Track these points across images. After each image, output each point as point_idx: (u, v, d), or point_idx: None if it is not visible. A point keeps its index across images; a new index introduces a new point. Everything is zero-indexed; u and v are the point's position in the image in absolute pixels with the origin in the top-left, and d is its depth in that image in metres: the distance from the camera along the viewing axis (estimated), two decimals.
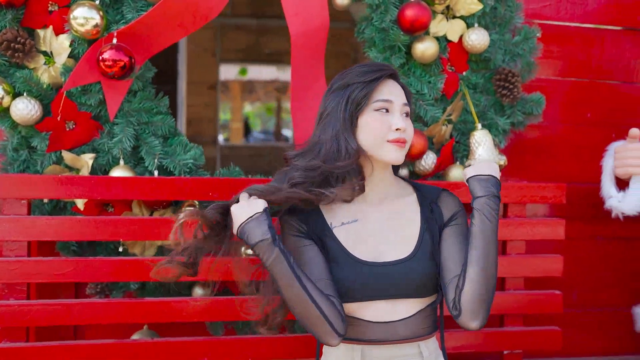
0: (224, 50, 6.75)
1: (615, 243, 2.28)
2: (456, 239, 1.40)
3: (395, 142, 1.36)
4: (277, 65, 7.74)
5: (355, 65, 1.43)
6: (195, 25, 1.81)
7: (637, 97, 2.27)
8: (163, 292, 1.89)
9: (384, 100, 1.38)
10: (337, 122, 1.38)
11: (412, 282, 1.36)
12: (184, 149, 1.85)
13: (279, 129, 11.54)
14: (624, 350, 2.28)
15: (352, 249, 1.39)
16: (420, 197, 1.45)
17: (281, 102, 11.32)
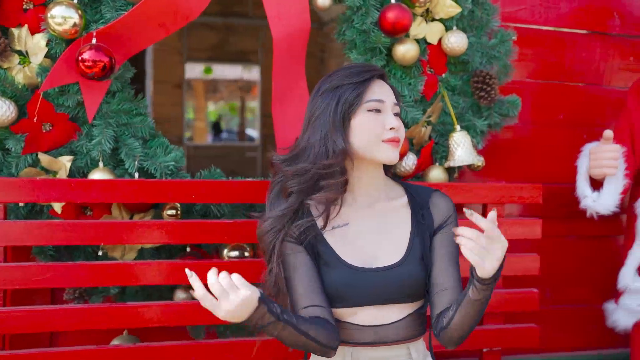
0: (190, 49, 6.68)
1: (586, 241, 2.34)
2: (446, 250, 1.41)
3: (391, 142, 1.36)
4: (243, 64, 7.68)
5: (341, 68, 1.43)
6: (176, 25, 1.79)
7: (606, 99, 2.34)
8: (144, 297, 1.86)
9: (376, 100, 1.38)
10: (327, 124, 1.37)
11: (402, 288, 1.38)
12: (164, 150, 1.83)
13: (243, 129, 11.47)
14: (596, 345, 2.34)
15: (344, 254, 1.39)
16: (411, 200, 1.45)
17: (245, 102, 11.26)
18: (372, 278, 1.37)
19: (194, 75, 8.46)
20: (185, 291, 1.85)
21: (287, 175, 1.41)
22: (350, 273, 1.37)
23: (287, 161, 1.43)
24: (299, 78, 1.94)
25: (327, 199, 1.37)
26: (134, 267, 1.71)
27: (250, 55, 6.96)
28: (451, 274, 1.40)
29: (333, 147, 1.35)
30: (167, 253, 1.87)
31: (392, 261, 1.39)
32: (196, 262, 1.75)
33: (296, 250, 1.39)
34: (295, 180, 1.39)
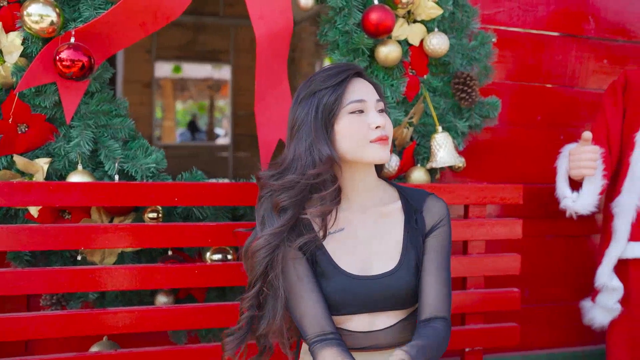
0: (160, 48, 6.59)
1: (563, 241, 2.38)
2: (433, 255, 1.40)
3: (378, 141, 1.33)
4: (213, 63, 7.61)
5: (318, 71, 1.40)
6: (156, 25, 1.75)
7: (582, 101, 2.38)
8: (124, 302, 1.82)
9: (357, 101, 1.34)
10: (310, 133, 1.33)
11: (395, 295, 1.37)
12: (145, 152, 1.79)
13: (211, 128, 11.37)
14: (573, 343, 2.38)
15: (340, 260, 1.38)
16: (405, 204, 1.44)
17: (214, 101, 11.17)
18: (368, 286, 1.36)
19: (163, 74, 8.35)
20: (166, 295, 1.82)
21: (275, 190, 1.37)
22: (347, 281, 1.36)
23: (275, 176, 1.38)
24: (282, 78, 1.92)
25: (322, 212, 1.34)
26: (114, 271, 1.67)
27: (221, 55, 6.90)
28: (433, 282, 1.38)
29: (319, 156, 1.32)
30: (147, 257, 1.84)
31: (387, 269, 1.38)
32: (178, 266, 1.71)
33: (297, 256, 1.37)
34: (286, 194, 1.35)
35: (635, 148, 1.97)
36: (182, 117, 12.21)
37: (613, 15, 2.38)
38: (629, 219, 1.96)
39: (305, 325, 1.33)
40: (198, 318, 1.74)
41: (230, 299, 1.88)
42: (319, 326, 1.32)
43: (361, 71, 1.40)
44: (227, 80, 7.45)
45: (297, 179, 1.33)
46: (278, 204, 1.35)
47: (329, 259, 1.38)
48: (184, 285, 1.72)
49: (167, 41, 6.47)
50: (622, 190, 1.99)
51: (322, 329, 1.32)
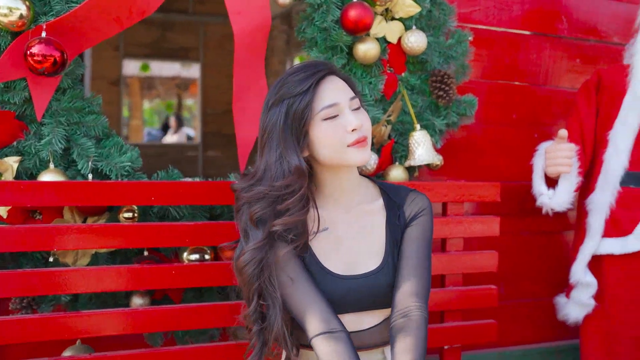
0: (127, 45, 6.48)
1: (537, 237, 2.41)
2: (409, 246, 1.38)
3: (356, 144, 1.30)
4: (181, 61, 7.51)
5: (286, 73, 1.34)
6: (131, 20, 1.71)
7: (554, 99, 2.41)
8: (98, 304, 1.77)
9: (329, 106, 1.29)
10: (279, 142, 1.29)
11: (380, 294, 1.36)
12: (119, 150, 1.74)
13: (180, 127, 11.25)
14: (548, 338, 2.41)
15: (325, 260, 1.37)
16: (387, 202, 1.43)
17: (182, 99, 11.04)
18: (353, 285, 1.35)
19: (131, 72, 8.22)
20: (142, 297, 1.77)
21: (247, 202, 1.34)
22: (332, 281, 1.35)
23: (246, 188, 1.35)
24: (260, 75, 1.90)
25: (287, 223, 1.30)
26: (88, 273, 1.62)
27: (190, 52, 6.82)
28: (410, 267, 1.35)
29: (288, 167, 1.29)
30: (122, 257, 1.79)
31: (371, 267, 1.37)
32: (155, 267, 1.67)
33: (292, 258, 1.34)
34: (258, 205, 1.32)
35: (608, 146, 2.00)
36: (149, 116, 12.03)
37: (585, 16, 2.42)
38: (602, 215, 1.99)
39: (309, 323, 1.29)
40: (175, 319, 1.70)
41: (208, 299, 1.85)
42: (324, 321, 1.28)
43: (332, 68, 1.35)
44: (196, 78, 7.37)
45: (266, 191, 1.30)
46: (252, 216, 1.33)
47: (314, 260, 1.36)
48: (160, 287, 1.68)
49: (135, 38, 6.37)
50: (596, 187, 2.02)
51: (327, 325, 1.28)
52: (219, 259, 1.81)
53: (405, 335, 1.28)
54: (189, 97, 9.42)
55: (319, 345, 1.26)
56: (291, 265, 1.34)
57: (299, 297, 1.31)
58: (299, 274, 1.33)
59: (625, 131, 1.96)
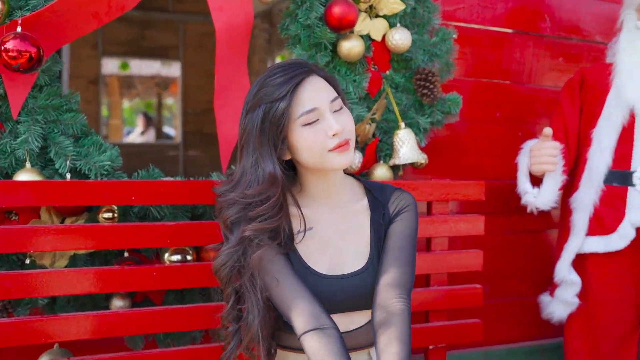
0: (106, 43, 6.39)
1: (521, 236, 2.41)
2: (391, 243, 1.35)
3: (337, 148, 1.27)
4: (162, 60, 7.43)
5: (266, 73, 1.29)
6: (110, 15, 1.67)
7: (537, 98, 2.41)
8: (76, 307, 1.73)
9: (308, 111, 1.26)
10: (255, 147, 1.27)
11: (365, 294, 1.34)
12: (98, 149, 1.70)
13: (160, 126, 11.14)
14: (532, 337, 2.41)
15: (310, 260, 1.35)
16: (372, 202, 1.41)
17: (162, 99, 10.94)
18: (339, 286, 1.33)
19: (110, 71, 8.12)
20: (122, 299, 1.73)
21: (223, 207, 1.33)
22: (318, 281, 1.33)
23: (224, 192, 1.33)
24: (242, 72, 1.87)
25: (259, 229, 1.28)
26: (66, 275, 1.58)
27: (170, 51, 6.76)
28: (391, 260, 1.33)
29: (262, 174, 1.26)
30: (102, 259, 1.75)
31: (357, 267, 1.36)
32: (136, 268, 1.63)
33: (279, 252, 1.32)
34: (231, 210, 1.30)
35: (592, 144, 2.00)
36: (128, 116, 11.90)
37: (567, 14, 2.42)
38: (586, 214, 2.00)
39: (298, 319, 1.25)
40: (156, 322, 1.66)
41: (189, 301, 1.81)
42: (314, 317, 1.25)
43: (312, 68, 1.31)
44: (176, 77, 7.31)
45: (237, 198, 1.28)
46: (225, 220, 1.32)
47: (299, 260, 1.34)
48: (141, 288, 1.64)
49: (114, 36, 6.29)
50: (580, 185, 2.02)
51: (317, 321, 1.24)
52: (201, 259, 1.77)
53: (387, 328, 1.25)
54: (169, 96, 9.33)
55: (308, 341, 1.22)
56: (276, 264, 1.31)
57: (286, 294, 1.28)
58: (284, 271, 1.30)
59: (608, 129, 1.96)
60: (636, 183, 1.92)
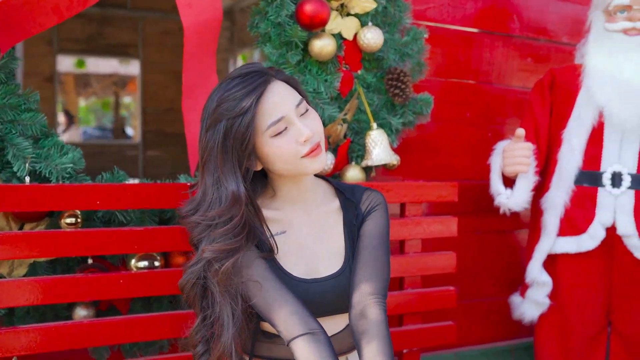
0: (62, 40, 6.20)
1: (491, 236, 2.40)
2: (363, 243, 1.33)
3: (310, 154, 1.24)
4: (119, 58, 7.25)
5: (223, 85, 1.24)
6: (72, 10, 1.59)
7: (506, 98, 2.41)
8: (36, 317, 1.64)
9: (275, 122, 1.22)
10: (216, 165, 1.22)
11: (343, 298, 1.31)
12: (59, 151, 1.61)
13: (118, 126, 10.90)
14: (503, 337, 2.41)
15: (285, 263, 1.31)
16: (344, 203, 1.39)
17: (120, 97, 10.70)
18: (315, 289, 1.30)
19: (65, 69, 7.89)
20: (85, 308, 1.65)
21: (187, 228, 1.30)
22: (295, 285, 1.29)
23: (188, 213, 1.29)
24: (210, 71, 1.80)
25: (218, 250, 1.23)
26: (25, 284, 1.49)
27: (129, 49, 6.60)
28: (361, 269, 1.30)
29: (225, 193, 1.22)
30: (64, 266, 1.66)
31: (332, 271, 1.33)
32: (101, 276, 1.56)
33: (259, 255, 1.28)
34: (194, 231, 1.27)
35: (562, 145, 2.01)
36: (84, 115, 11.60)
37: (535, 15, 2.43)
38: (557, 214, 2.00)
39: (286, 325, 1.21)
40: (122, 331, 1.59)
41: (157, 309, 1.74)
42: (303, 322, 1.20)
43: (272, 74, 1.27)
44: (134, 75, 7.15)
45: (199, 220, 1.24)
46: (191, 240, 1.30)
47: (275, 263, 1.31)
48: (108, 297, 1.56)
49: (70, 34, 6.11)
50: (551, 186, 2.02)
51: (307, 325, 1.20)
52: (169, 265, 1.71)
53: (369, 339, 1.22)
54: (127, 95, 9.13)
55: (299, 347, 1.18)
56: (257, 267, 1.27)
57: (270, 299, 1.24)
58: (267, 276, 1.26)
59: (578, 130, 1.97)
60: (606, 184, 1.94)
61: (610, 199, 1.93)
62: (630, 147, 1.92)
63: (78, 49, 6.65)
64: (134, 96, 8.11)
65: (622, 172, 1.92)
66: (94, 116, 12.09)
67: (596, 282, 1.99)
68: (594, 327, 2.02)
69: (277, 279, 1.26)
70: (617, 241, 1.95)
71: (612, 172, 1.93)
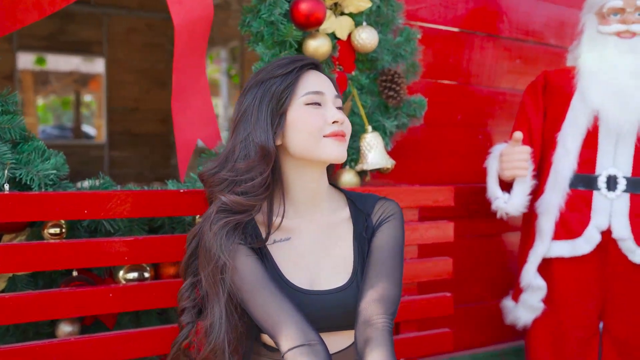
0: (22, 37, 5.98)
1: (479, 240, 2.37)
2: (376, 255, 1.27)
3: (334, 136, 1.21)
4: (83, 55, 7.03)
5: (269, 63, 1.27)
6: (54, 6, 1.49)
7: (495, 100, 2.39)
8: (16, 335, 1.53)
9: (314, 92, 1.23)
10: (250, 122, 1.21)
11: (349, 313, 1.24)
12: (40, 156, 1.51)
13: (78, 125, 10.61)
14: (493, 341, 2.39)
15: (288, 273, 1.24)
16: (354, 212, 1.33)
17: (80, 96, 10.42)
18: (319, 302, 1.23)
19: (26, 66, 7.61)
20: (70, 324, 1.54)
21: (211, 187, 1.26)
22: (296, 296, 1.22)
23: (212, 171, 1.26)
24: (200, 72, 1.72)
25: (236, 202, 1.20)
26: (6, 301, 1.38)
27: (93, 46, 6.41)
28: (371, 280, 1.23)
29: (255, 149, 1.20)
30: (46, 279, 1.55)
31: (338, 283, 1.26)
32: (89, 290, 1.46)
33: (254, 257, 1.22)
34: (217, 188, 1.24)
35: (557, 148, 1.99)
36: (43, 113, 11.25)
37: (524, 17, 2.41)
38: (552, 218, 1.98)
39: (283, 334, 1.14)
40: (109, 348, 1.49)
41: (146, 323, 1.65)
42: (301, 333, 1.13)
43: (318, 64, 1.29)
44: (97, 73, 6.96)
45: (226, 176, 1.22)
46: (210, 198, 1.28)
47: (275, 271, 1.24)
48: (96, 312, 1.47)
49: (31, 30, 5.88)
50: (546, 189, 2.00)
51: (305, 336, 1.13)
52: (159, 276, 1.61)
53: (373, 347, 1.15)
54: (89, 93, 8.88)
55: (295, 358, 1.11)
56: (253, 268, 1.20)
57: (267, 306, 1.17)
58: (264, 281, 1.19)
59: (573, 133, 1.95)
60: (601, 187, 1.92)
61: (605, 203, 1.92)
62: (625, 150, 1.92)
63: (39, 46, 6.43)
64: (95, 95, 7.90)
65: (617, 175, 1.91)
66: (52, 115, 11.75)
67: (590, 285, 1.98)
68: (587, 331, 2.01)
69: (276, 285, 1.20)
70: (612, 244, 1.94)
71: (607, 175, 1.92)
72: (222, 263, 1.19)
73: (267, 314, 1.16)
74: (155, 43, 6.52)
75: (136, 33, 6.37)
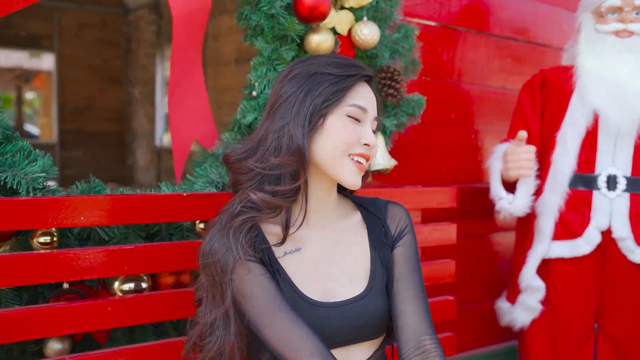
0: None
1: (471, 240, 2.34)
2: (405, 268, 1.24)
3: (357, 161, 1.16)
4: (30, 50, 6.69)
5: (320, 55, 1.22)
6: None
7: (487, 99, 2.36)
8: (1, 355, 1.38)
9: (360, 107, 1.16)
10: (288, 114, 1.13)
11: (368, 323, 1.18)
12: (26, 157, 1.37)
13: (20, 124, 10.16)
14: (484, 343, 2.35)
15: (301, 285, 1.17)
16: (367, 216, 1.27)
17: (22, 93, 9.99)
18: (336, 315, 1.16)
19: None
20: (59, 340, 1.40)
21: (238, 180, 1.19)
22: (311, 310, 1.15)
23: (239, 156, 1.18)
24: (197, 67, 1.61)
25: (266, 202, 1.13)
26: None
27: (42, 41, 6.12)
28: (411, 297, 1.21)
29: (288, 143, 1.12)
30: (31, 293, 1.41)
31: (354, 293, 1.19)
32: (83, 304, 1.33)
33: (262, 272, 1.13)
34: (242, 177, 1.17)
35: (556, 147, 1.97)
36: None
37: (514, 15, 2.40)
38: (552, 218, 1.96)
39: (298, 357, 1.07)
40: None
41: (140, 338, 1.53)
42: (319, 355, 1.07)
43: (372, 77, 1.22)
44: (43, 70, 6.64)
45: (254, 166, 1.14)
46: (234, 187, 1.21)
47: (288, 284, 1.16)
48: (91, 328, 1.34)
49: None
50: (545, 189, 1.98)
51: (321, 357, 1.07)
52: (157, 287, 1.50)
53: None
54: (32, 91, 8.50)
55: None
56: (269, 293, 1.11)
57: (281, 327, 1.09)
58: (279, 303, 1.11)
59: (573, 133, 1.93)
60: (601, 187, 1.91)
61: (605, 202, 1.91)
62: (624, 149, 1.91)
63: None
64: (40, 92, 7.54)
65: (617, 175, 1.91)
66: None
67: (588, 285, 1.97)
68: (583, 331, 2.00)
69: (289, 304, 1.12)
70: (611, 244, 1.93)
71: (607, 175, 1.91)
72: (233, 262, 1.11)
73: (279, 336, 1.09)
74: (109, 38, 6.28)
75: (89, 28, 6.12)
